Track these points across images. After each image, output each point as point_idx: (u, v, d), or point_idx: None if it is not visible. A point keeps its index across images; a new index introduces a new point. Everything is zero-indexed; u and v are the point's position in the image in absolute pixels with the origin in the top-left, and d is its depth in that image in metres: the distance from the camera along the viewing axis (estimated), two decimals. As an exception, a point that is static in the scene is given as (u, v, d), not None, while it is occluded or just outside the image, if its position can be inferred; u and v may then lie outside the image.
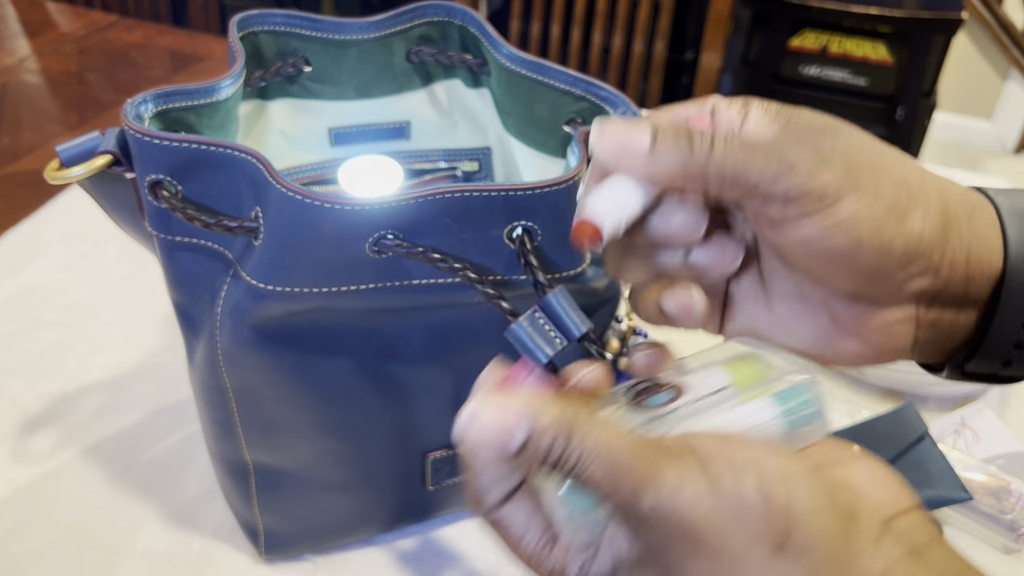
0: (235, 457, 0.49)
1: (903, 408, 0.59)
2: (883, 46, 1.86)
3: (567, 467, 0.24)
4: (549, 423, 0.24)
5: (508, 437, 0.24)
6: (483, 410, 0.24)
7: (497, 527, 0.27)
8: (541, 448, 0.24)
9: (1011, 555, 0.55)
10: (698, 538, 0.23)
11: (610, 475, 0.23)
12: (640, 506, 0.23)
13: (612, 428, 0.24)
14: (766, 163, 0.25)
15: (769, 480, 0.23)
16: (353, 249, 0.39)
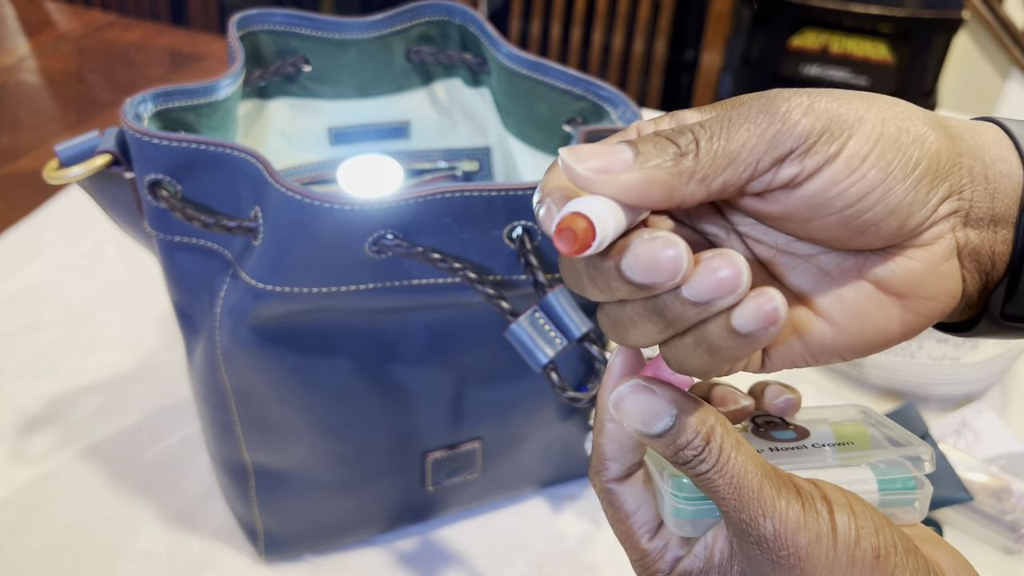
0: (234, 457, 0.49)
1: (904, 408, 0.59)
2: (884, 46, 1.86)
3: (697, 471, 0.25)
4: (693, 422, 0.25)
5: (656, 418, 0.25)
6: (637, 390, 0.26)
7: (609, 499, 0.28)
8: (679, 442, 0.25)
9: (1012, 555, 0.55)
10: (806, 572, 0.25)
11: (738, 492, 0.25)
12: (762, 528, 0.25)
13: (748, 450, 0.25)
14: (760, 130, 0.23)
15: (884, 544, 0.25)
16: (353, 249, 0.38)
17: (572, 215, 0.22)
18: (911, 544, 0.25)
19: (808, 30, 1.90)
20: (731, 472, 0.25)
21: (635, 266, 0.22)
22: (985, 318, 0.28)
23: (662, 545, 0.28)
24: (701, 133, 0.24)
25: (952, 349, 0.63)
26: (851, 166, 0.24)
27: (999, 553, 0.55)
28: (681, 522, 0.27)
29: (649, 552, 0.28)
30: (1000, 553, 0.55)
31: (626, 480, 0.28)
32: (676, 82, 2.00)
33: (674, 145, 0.24)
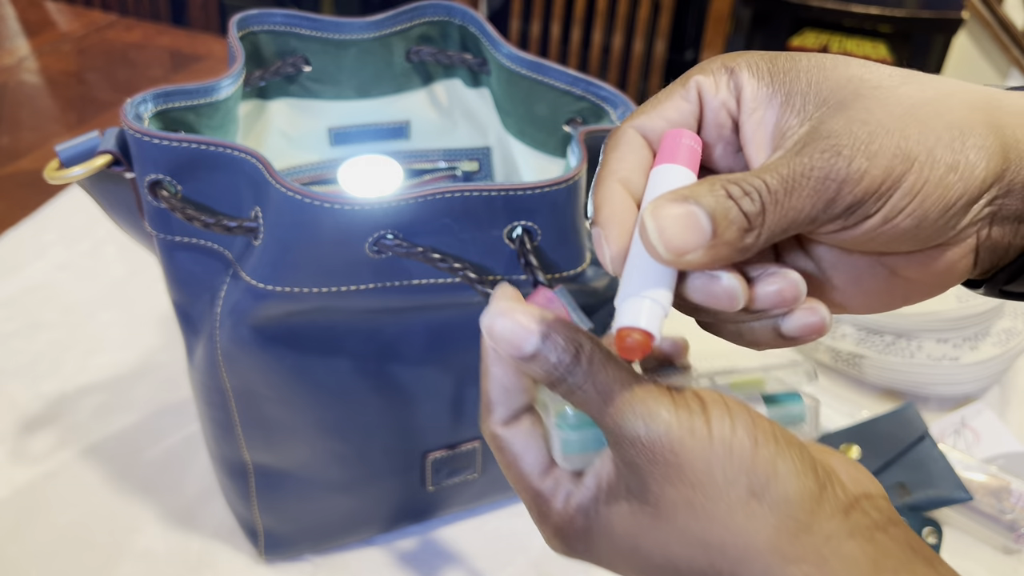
0: (235, 457, 0.49)
1: (903, 408, 0.59)
2: (883, 46, 1.86)
3: (570, 383, 0.26)
4: (561, 338, 0.26)
5: (524, 339, 0.26)
6: (509, 311, 0.26)
7: (497, 444, 0.29)
8: (552, 358, 0.26)
9: (1011, 555, 0.55)
10: (683, 467, 0.25)
11: (608, 396, 0.25)
12: (634, 429, 0.25)
13: (617, 361, 0.26)
14: (817, 190, 0.24)
15: (762, 433, 0.25)
16: (353, 249, 0.38)
17: (626, 332, 0.24)
18: (795, 439, 0.25)
19: (808, 30, 1.90)
20: (602, 380, 0.25)
21: (700, 299, 0.25)
22: (985, 287, 0.29)
23: (553, 484, 0.28)
24: (768, 200, 0.24)
25: (952, 349, 0.63)
26: (887, 217, 0.25)
27: (998, 553, 0.55)
28: (570, 456, 0.27)
29: (542, 492, 0.28)
30: (999, 553, 0.55)
31: (513, 424, 0.29)
32: (676, 82, 2.00)
33: (746, 220, 0.24)
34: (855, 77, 0.26)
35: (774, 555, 0.24)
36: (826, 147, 0.24)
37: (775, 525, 0.24)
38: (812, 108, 0.26)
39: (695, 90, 0.28)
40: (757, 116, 0.27)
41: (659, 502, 0.25)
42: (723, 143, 0.29)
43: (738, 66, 0.27)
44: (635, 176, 0.28)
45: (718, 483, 0.24)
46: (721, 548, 0.25)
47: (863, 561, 0.24)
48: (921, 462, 0.56)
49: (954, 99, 0.25)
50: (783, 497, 0.24)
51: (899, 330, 0.64)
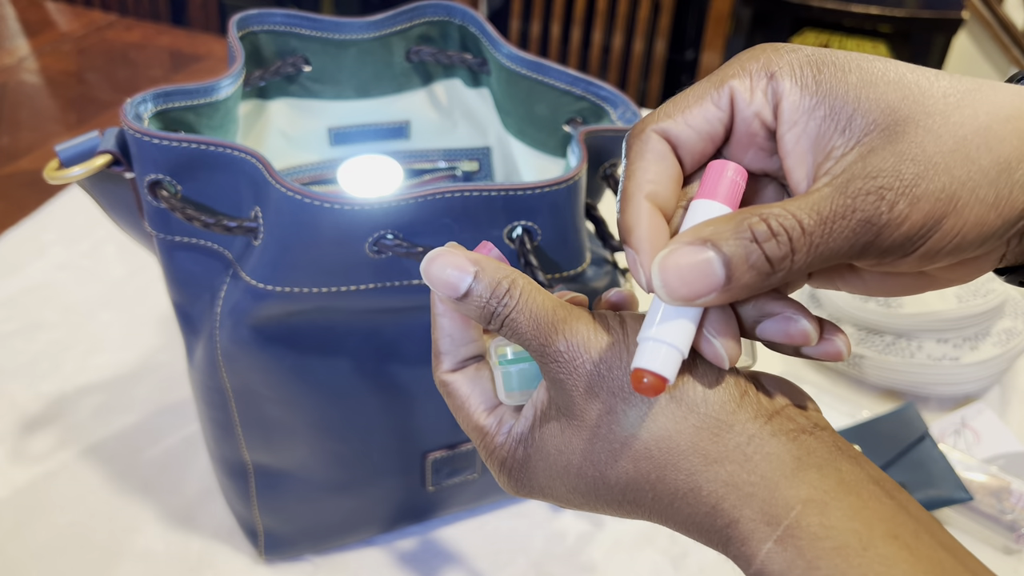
0: (235, 457, 0.49)
1: (903, 408, 0.59)
2: (883, 46, 1.86)
3: (502, 315, 0.27)
4: (494, 275, 0.27)
5: (459, 279, 0.27)
6: (442, 253, 0.27)
7: (447, 390, 0.30)
8: (484, 296, 0.27)
9: (1011, 555, 0.55)
10: (603, 376, 0.26)
11: (535, 322, 0.27)
12: (555, 344, 0.26)
13: (545, 292, 0.27)
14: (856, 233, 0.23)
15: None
16: (353, 249, 0.38)
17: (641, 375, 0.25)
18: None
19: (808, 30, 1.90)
20: (529, 308, 0.27)
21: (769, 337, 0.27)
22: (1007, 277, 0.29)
23: (497, 420, 0.29)
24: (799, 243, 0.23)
25: (952, 349, 0.63)
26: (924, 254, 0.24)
27: (999, 553, 0.55)
28: (512, 393, 0.29)
29: (487, 428, 0.29)
30: (1000, 553, 0.55)
31: (460, 370, 0.30)
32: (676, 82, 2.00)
33: (768, 264, 0.24)
34: (909, 97, 0.24)
35: (696, 455, 0.25)
36: (871, 188, 0.23)
37: (696, 425, 0.25)
38: (860, 128, 0.24)
39: (728, 96, 0.26)
40: (798, 129, 0.25)
41: (584, 413, 0.26)
42: (755, 149, 0.28)
43: (780, 71, 0.26)
44: (663, 190, 0.27)
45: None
46: (646, 452, 0.26)
47: (787, 458, 0.24)
48: (921, 462, 0.56)
49: (1008, 127, 0.24)
50: (701, 399, 0.25)
51: (899, 330, 0.64)
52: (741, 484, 0.24)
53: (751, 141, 0.27)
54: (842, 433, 0.58)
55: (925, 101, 0.24)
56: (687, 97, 0.27)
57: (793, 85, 0.25)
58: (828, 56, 0.25)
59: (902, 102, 0.24)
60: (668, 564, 0.54)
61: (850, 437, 0.58)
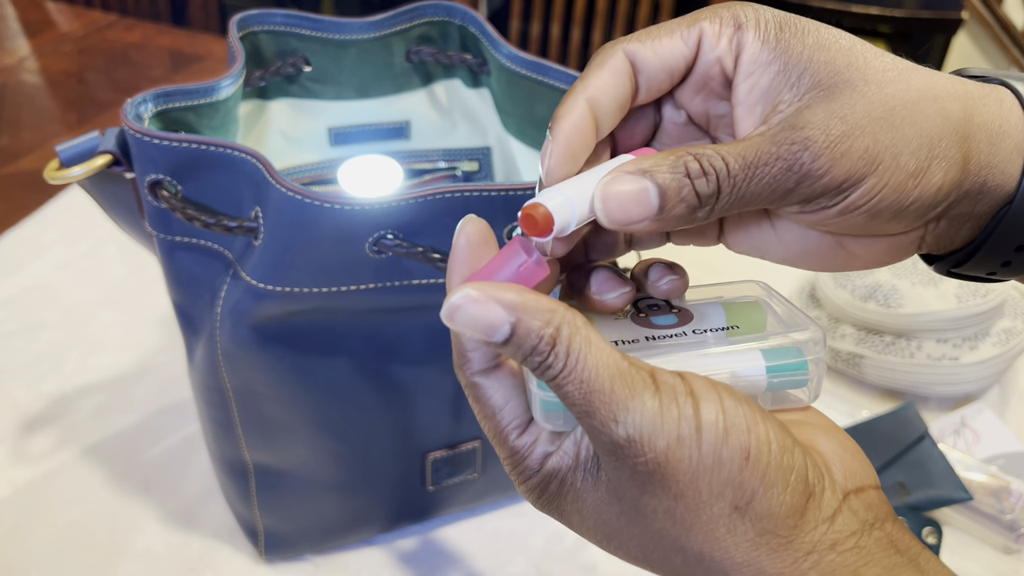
0: (235, 457, 0.49)
1: (903, 408, 0.59)
2: (883, 46, 1.86)
3: (546, 376, 0.23)
4: (536, 325, 0.23)
5: (492, 330, 0.23)
6: (470, 298, 0.23)
7: (475, 394, 0.27)
8: (524, 348, 0.23)
9: (1011, 555, 0.55)
10: (667, 477, 0.23)
11: (587, 397, 0.23)
12: (614, 435, 0.23)
13: (599, 347, 0.23)
14: (777, 179, 0.25)
15: (756, 443, 0.23)
16: (353, 249, 0.38)
17: (534, 206, 0.25)
18: (788, 441, 0.24)
19: (808, 30, 1.90)
20: (580, 376, 0.23)
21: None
22: (935, 267, 0.31)
23: (531, 441, 0.26)
24: (724, 184, 0.25)
25: (952, 349, 0.63)
26: (843, 211, 0.26)
27: (998, 553, 0.55)
28: (549, 415, 0.25)
29: (518, 449, 0.26)
30: (999, 553, 0.55)
31: (493, 373, 0.26)
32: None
33: (696, 199, 0.25)
34: (853, 64, 0.26)
35: (751, 570, 0.24)
36: (796, 139, 0.25)
37: (755, 540, 0.23)
38: (807, 86, 0.26)
39: (696, 36, 0.28)
40: (752, 80, 0.27)
41: (637, 504, 0.24)
42: (706, 92, 0.29)
43: (747, 24, 0.27)
44: (607, 101, 0.28)
45: (702, 495, 0.23)
46: (698, 556, 0.24)
47: (843, 573, 0.23)
48: (921, 462, 0.56)
49: (934, 106, 0.26)
50: (766, 512, 0.23)
51: (899, 330, 0.64)
52: None
53: (705, 84, 0.29)
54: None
55: (867, 70, 0.26)
56: (659, 29, 0.28)
57: (755, 38, 0.27)
58: (791, 19, 0.27)
59: (846, 68, 0.26)
60: (668, 564, 0.54)
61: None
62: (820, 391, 0.27)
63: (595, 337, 0.24)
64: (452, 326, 0.24)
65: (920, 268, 0.65)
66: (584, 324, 0.24)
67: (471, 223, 0.27)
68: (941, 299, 0.63)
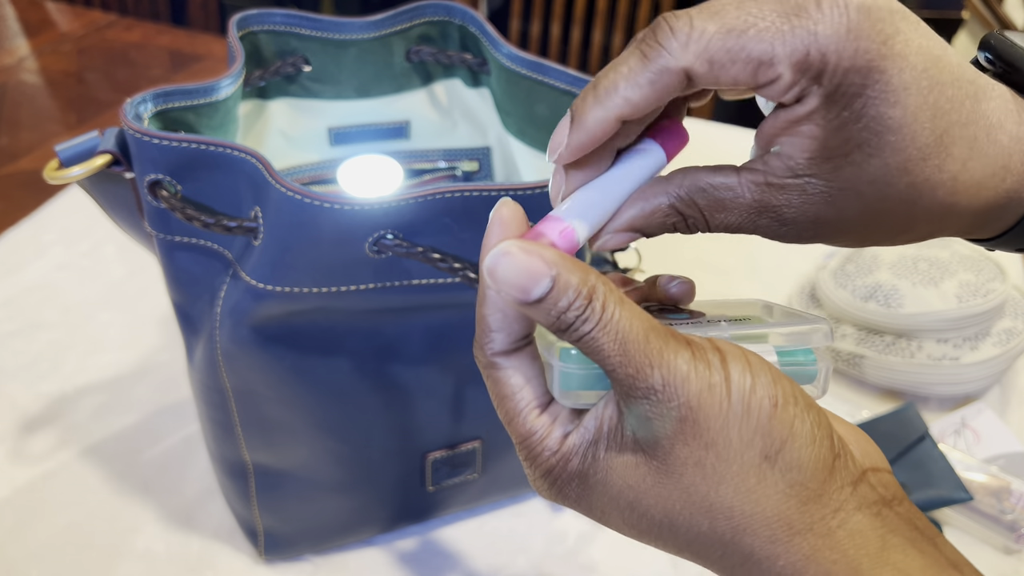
0: (235, 457, 0.49)
1: (903, 408, 0.59)
2: (883, 46, 1.86)
3: (581, 331, 0.24)
4: (575, 281, 0.24)
5: (533, 281, 0.23)
6: (514, 249, 0.24)
7: (493, 374, 0.27)
8: (561, 303, 0.23)
9: (1011, 555, 0.55)
10: (699, 424, 0.23)
11: (623, 347, 0.23)
12: (650, 379, 0.23)
13: (632, 306, 0.24)
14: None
15: (783, 393, 0.24)
16: (353, 249, 0.38)
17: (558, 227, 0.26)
18: (812, 401, 0.24)
19: (808, 30, 1.90)
20: (615, 328, 0.23)
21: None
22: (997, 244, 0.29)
23: (550, 422, 0.26)
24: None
25: (952, 349, 0.63)
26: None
27: (999, 553, 0.55)
28: (569, 392, 0.25)
29: (535, 431, 0.26)
30: (1000, 553, 0.55)
31: (514, 354, 0.26)
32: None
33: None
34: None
35: (780, 524, 0.23)
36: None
37: (784, 491, 0.23)
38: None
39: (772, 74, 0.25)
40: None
41: (668, 458, 0.24)
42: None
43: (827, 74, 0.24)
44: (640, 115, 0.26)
45: (732, 444, 0.23)
46: (728, 512, 0.24)
47: (871, 536, 0.23)
48: (921, 462, 0.56)
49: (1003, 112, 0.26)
50: (796, 463, 0.23)
51: (899, 330, 0.64)
52: (822, 560, 0.23)
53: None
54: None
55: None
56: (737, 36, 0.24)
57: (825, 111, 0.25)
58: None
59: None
60: (668, 564, 0.54)
61: (850, 437, 0.58)
62: (828, 386, 0.28)
63: (627, 298, 0.24)
64: (494, 279, 0.24)
65: (920, 268, 0.65)
66: (616, 287, 0.24)
67: (506, 206, 0.26)
68: (941, 299, 0.63)
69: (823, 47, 0.23)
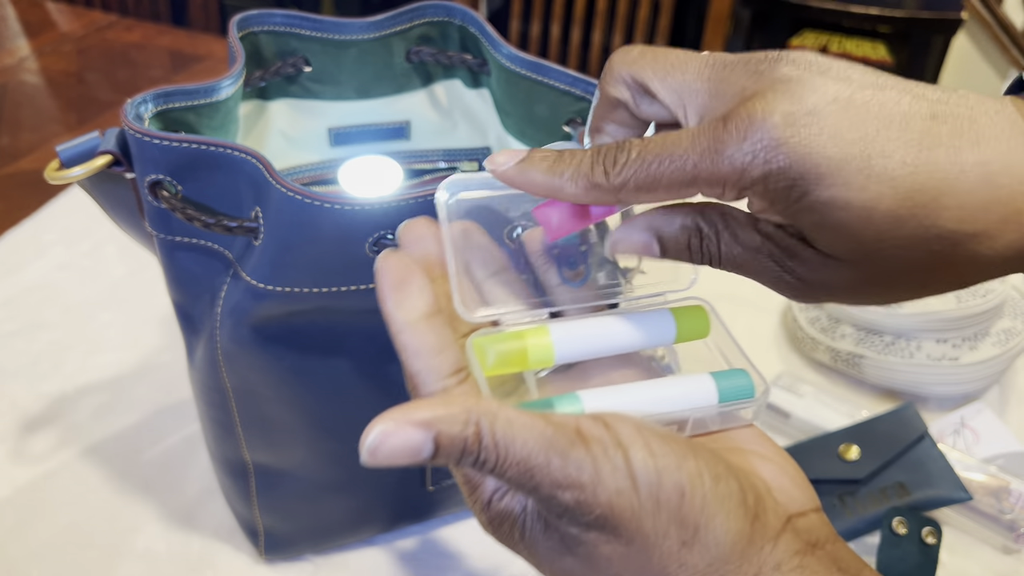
0: (235, 457, 0.49)
1: (903, 408, 0.59)
2: (883, 46, 1.86)
3: (486, 468, 0.24)
4: (457, 431, 0.23)
5: (416, 452, 0.23)
6: (385, 433, 0.23)
7: None
8: (453, 455, 0.24)
9: (1011, 555, 0.55)
10: (617, 527, 0.24)
11: (529, 473, 0.24)
12: (562, 500, 0.24)
13: (522, 424, 0.24)
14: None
15: (688, 479, 0.24)
16: (353, 249, 0.39)
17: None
18: (720, 469, 0.25)
19: (807, 31, 1.90)
20: (515, 459, 0.23)
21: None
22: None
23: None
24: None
25: (951, 349, 0.63)
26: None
27: (998, 553, 0.55)
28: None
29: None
30: (999, 553, 0.55)
31: (445, 396, 0.27)
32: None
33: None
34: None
35: None
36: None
37: (705, 571, 0.24)
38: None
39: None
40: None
41: (590, 555, 0.25)
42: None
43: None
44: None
45: (650, 537, 0.24)
46: None
47: None
48: (921, 462, 0.56)
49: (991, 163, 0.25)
50: (713, 542, 0.24)
51: (899, 330, 0.64)
52: None
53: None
54: (842, 433, 0.58)
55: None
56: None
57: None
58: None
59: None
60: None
61: (850, 437, 0.58)
62: (762, 412, 0.29)
63: (513, 415, 0.24)
64: (379, 461, 0.23)
65: (920, 268, 0.65)
66: (498, 406, 0.24)
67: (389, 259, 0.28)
68: (941, 299, 0.63)
69: (739, 173, 0.25)
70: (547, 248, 0.31)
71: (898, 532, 0.52)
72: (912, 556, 0.52)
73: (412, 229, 0.32)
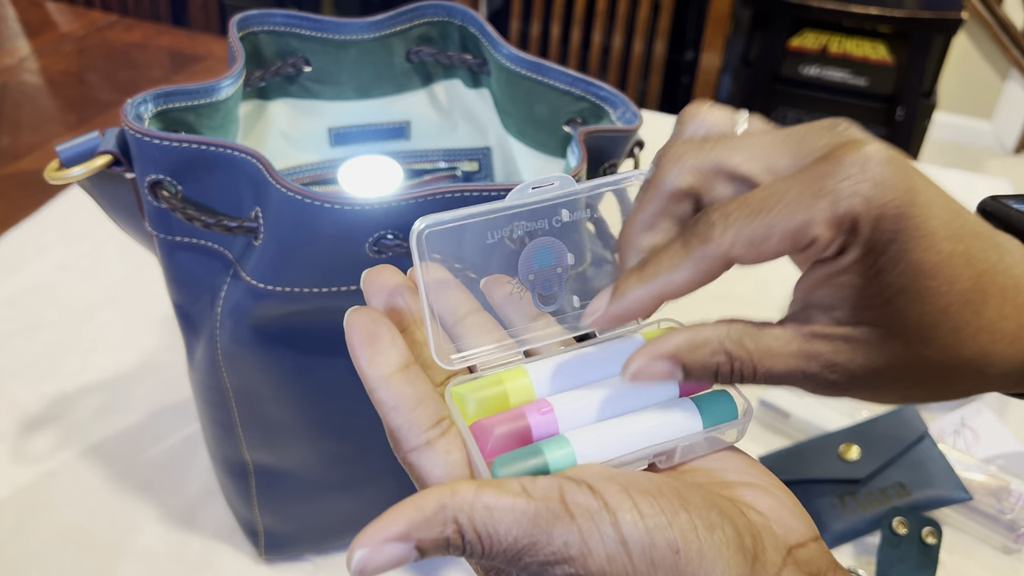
0: (235, 457, 0.49)
1: (903, 408, 0.59)
2: (883, 46, 1.86)
3: (474, 560, 0.24)
4: (436, 534, 0.23)
5: (403, 561, 0.23)
6: (365, 558, 0.23)
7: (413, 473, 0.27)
8: (440, 554, 0.24)
9: (1011, 555, 0.55)
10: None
11: (518, 557, 0.24)
12: (553, 574, 0.24)
13: (501, 506, 0.24)
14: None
15: (681, 535, 0.24)
16: (353, 249, 0.39)
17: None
18: (713, 516, 0.25)
19: (807, 31, 1.90)
20: (502, 545, 0.23)
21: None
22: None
23: None
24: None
25: (951, 349, 0.63)
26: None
27: (998, 553, 0.55)
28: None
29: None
30: (999, 553, 0.55)
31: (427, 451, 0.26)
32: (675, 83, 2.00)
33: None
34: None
35: None
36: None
37: None
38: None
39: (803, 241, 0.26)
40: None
41: None
42: None
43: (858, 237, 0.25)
44: (679, 293, 0.27)
45: None
46: None
47: None
48: (921, 462, 0.56)
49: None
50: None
51: (899, 330, 0.64)
52: None
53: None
54: (842, 433, 0.58)
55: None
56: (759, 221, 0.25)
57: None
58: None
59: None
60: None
61: (850, 437, 0.58)
62: (746, 433, 0.29)
63: (492, 500, 0.24)
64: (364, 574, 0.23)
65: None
66: (475, 494, 0.24)
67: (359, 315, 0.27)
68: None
69: (851, 204, 0.24)
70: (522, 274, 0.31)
71: (898, 532, 0.52)
72: (912, 556, 0.52)
73: (375, 279, 0.31)
